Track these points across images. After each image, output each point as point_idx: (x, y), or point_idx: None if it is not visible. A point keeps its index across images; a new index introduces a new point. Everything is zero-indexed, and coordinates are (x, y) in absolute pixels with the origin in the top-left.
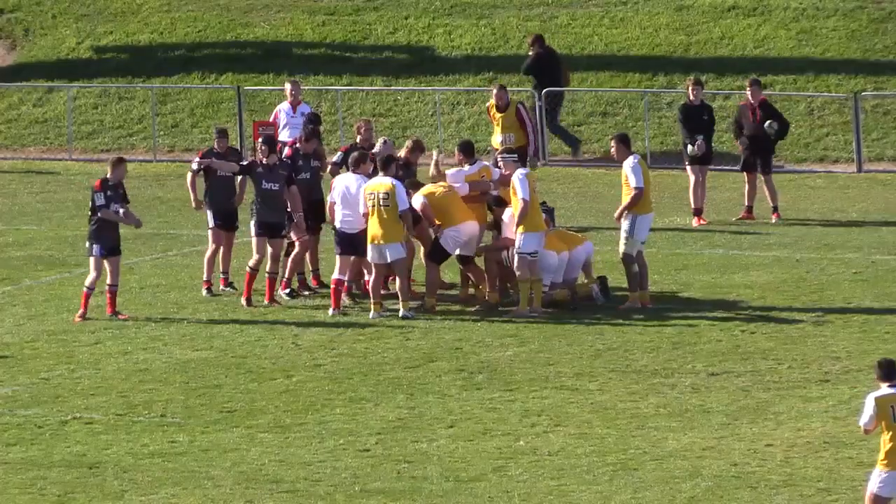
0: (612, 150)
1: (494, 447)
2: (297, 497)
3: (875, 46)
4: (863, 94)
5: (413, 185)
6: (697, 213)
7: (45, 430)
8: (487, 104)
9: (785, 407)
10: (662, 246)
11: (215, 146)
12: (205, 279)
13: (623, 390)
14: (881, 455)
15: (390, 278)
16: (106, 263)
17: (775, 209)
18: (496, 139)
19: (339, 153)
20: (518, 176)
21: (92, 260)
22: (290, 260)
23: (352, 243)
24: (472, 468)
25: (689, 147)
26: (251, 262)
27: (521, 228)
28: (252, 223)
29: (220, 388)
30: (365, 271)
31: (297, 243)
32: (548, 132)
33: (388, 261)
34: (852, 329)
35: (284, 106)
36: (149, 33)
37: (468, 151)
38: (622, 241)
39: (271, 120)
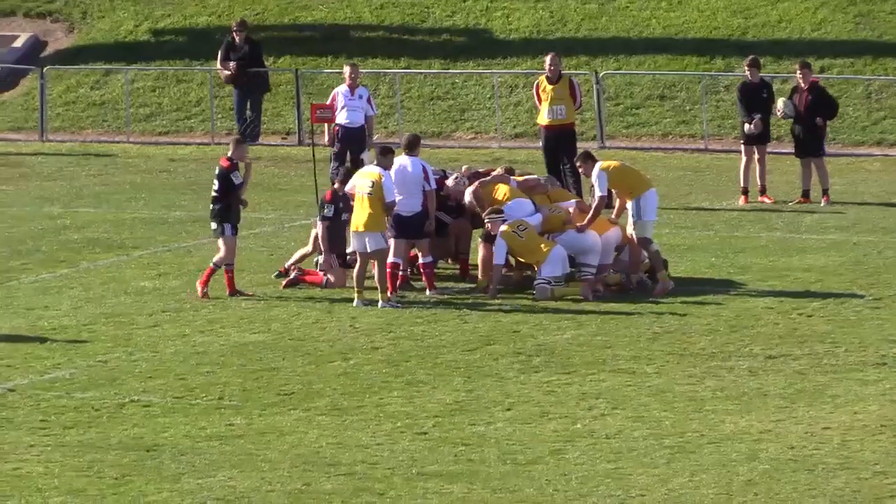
0: (581, 170)
1: (552, 430)
2: (355, 480)
3: None
4: None
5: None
6: (745, 192)
7: (103, 413)
8: (536, 82)
9: (842, 390)
10: (720, 229)
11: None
12: (287, 265)
13: (680, 373)
14: None
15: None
16: (221, 242)
17: (825, 192)
18: (544, 115)
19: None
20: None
21: (222, 240)
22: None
23: (407, 226)
24: (530, 451)
25: (746, 125)
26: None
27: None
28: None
29: (278, 370)
30: (420, 255)
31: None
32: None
33: (368, 250)
34: None
35: (342, 88)
36: (207, 16)
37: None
38: (632, 227)
39: (329, 102)
